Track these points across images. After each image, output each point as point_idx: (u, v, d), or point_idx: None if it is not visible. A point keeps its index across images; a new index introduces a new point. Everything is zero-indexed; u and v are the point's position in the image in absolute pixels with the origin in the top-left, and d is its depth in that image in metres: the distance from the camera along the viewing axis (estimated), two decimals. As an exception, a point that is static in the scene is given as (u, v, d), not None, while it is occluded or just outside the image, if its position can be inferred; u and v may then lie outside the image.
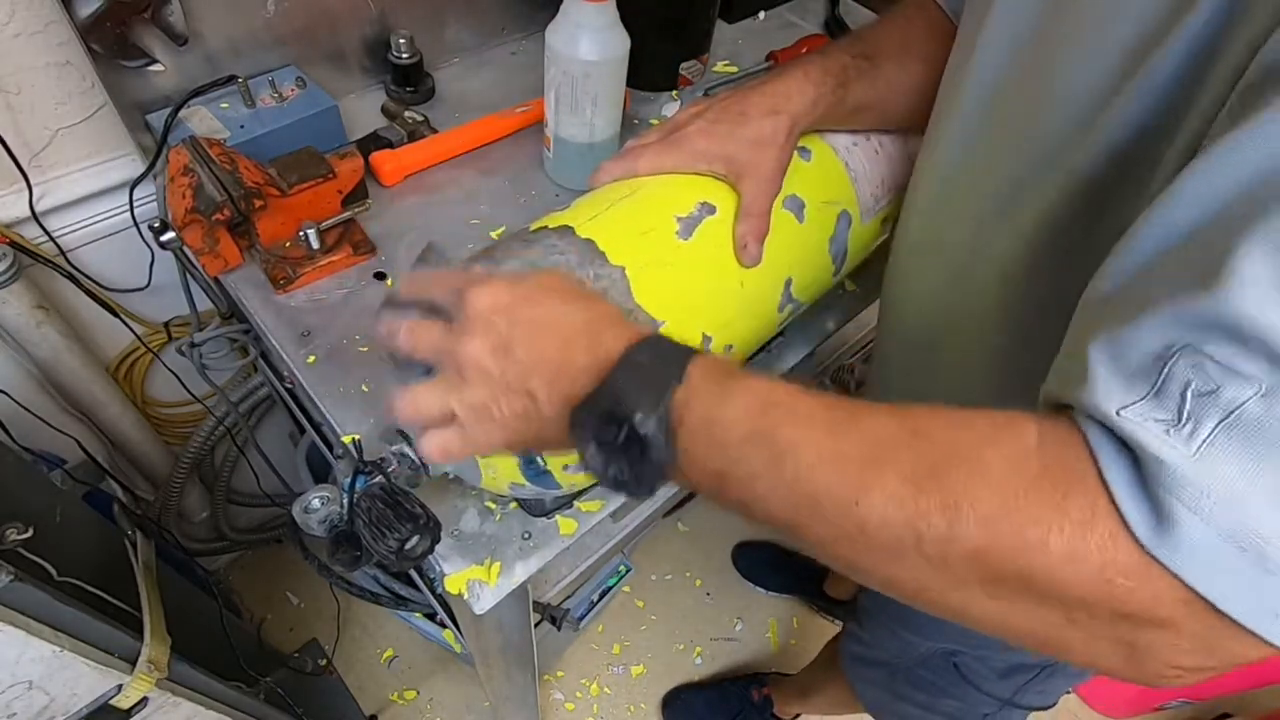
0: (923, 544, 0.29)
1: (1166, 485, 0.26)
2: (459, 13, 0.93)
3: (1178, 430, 0.26)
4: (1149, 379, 0.27)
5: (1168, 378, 0.26)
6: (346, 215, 0.71)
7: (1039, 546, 0.27)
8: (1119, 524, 0.27)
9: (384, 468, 0.47)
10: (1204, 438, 0.25)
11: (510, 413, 0.38)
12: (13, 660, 0.55)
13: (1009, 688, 0.73)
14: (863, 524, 0.30)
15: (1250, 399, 0.25)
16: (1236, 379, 0.25)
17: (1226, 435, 0.25)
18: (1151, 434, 0.26)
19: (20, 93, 0.71)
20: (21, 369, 0.88)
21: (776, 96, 0.55)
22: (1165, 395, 0.26)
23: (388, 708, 1.35)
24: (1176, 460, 0.25)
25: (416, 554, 0.43)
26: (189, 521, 1.20)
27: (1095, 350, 0.29)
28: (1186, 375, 0.26)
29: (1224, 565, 0.25)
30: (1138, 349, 0.27)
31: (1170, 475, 0.25)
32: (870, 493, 0.30)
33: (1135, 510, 0.26)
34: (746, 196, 0.53)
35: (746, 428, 0.33)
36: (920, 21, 0.60)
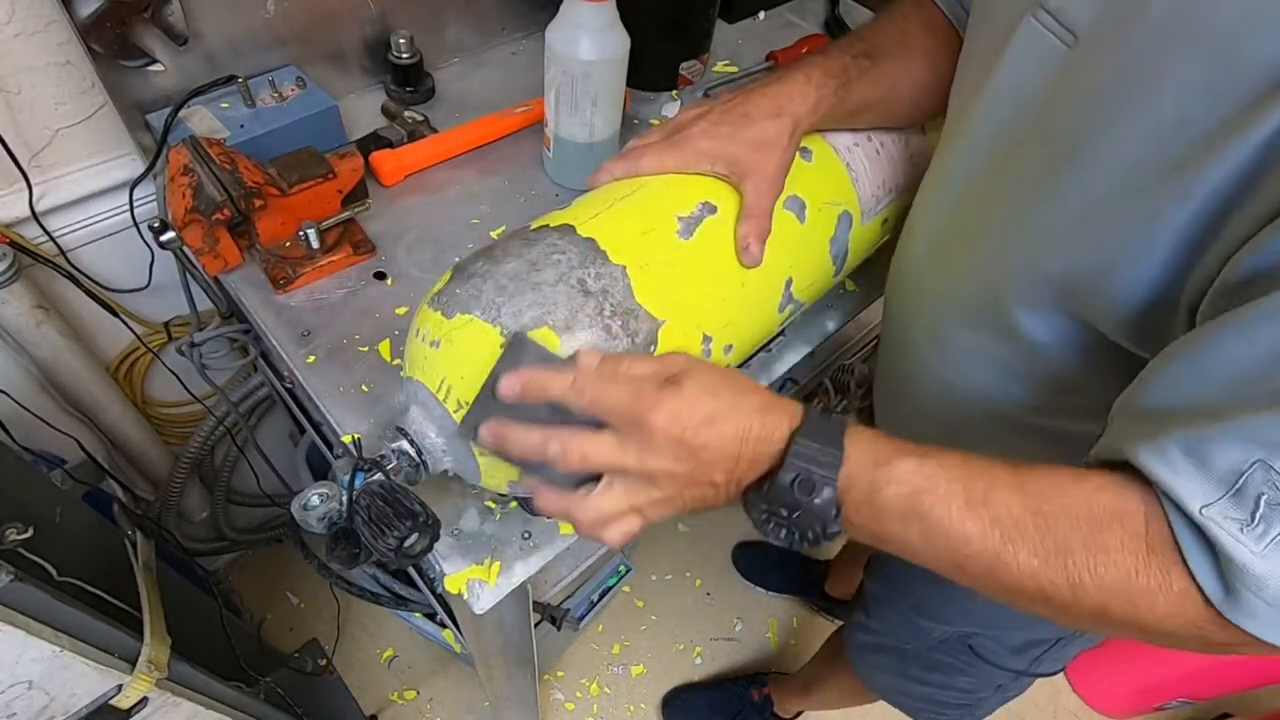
0: (1050, 602, 0.37)
1: (1237, 574, 0.32)
2: (459, 13, 0.93)
3: (1250, 529, 0.32)
4: (1228, 483, 0.33)
5: (1245, 484, 0.32)
6: (346, 215, 0.71)
7: (1147, 610, 0.35)
8: (1202, 598, 0.34)
9: (383, 465, 0.47)
10: (1271, 539, 0.31)
11: (690, 498, 0.43)
12: (13, 660, 0.55)
13: (1024, 660, 0.75)
14: (1004, 584, 0.38)
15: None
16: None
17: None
18: (1227, 532, 0.32)
19: (20, 93, 0.71)
20: (21, 369, 0.88)
21: (779, 98, 0.55)
22: (1242, 499, 0.32)
23: (388, 708, 1.35)
24: (1245, 557, 0.32)
25: (415, 552, 0.43)
26: (189, 521, 1.20)
27: (1178, 448, 0.34)
28: (1260, 487, 0.32)
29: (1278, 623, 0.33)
30: (1221, 457, 0.33)
31: (1240, 567, 0.32)
32: (1007, 567, 0.37)
33: (1214, 589, 0.33)
34: (749, 197, 0.53)
35: (900, 509, 0.39)
36: (917, 18, 0.61)
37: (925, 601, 0.77)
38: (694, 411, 0.41)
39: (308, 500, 0.45)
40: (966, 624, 0.75)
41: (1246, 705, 1.48)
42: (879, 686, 0.96)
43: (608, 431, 0.42)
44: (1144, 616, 0.35)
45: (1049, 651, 0.73)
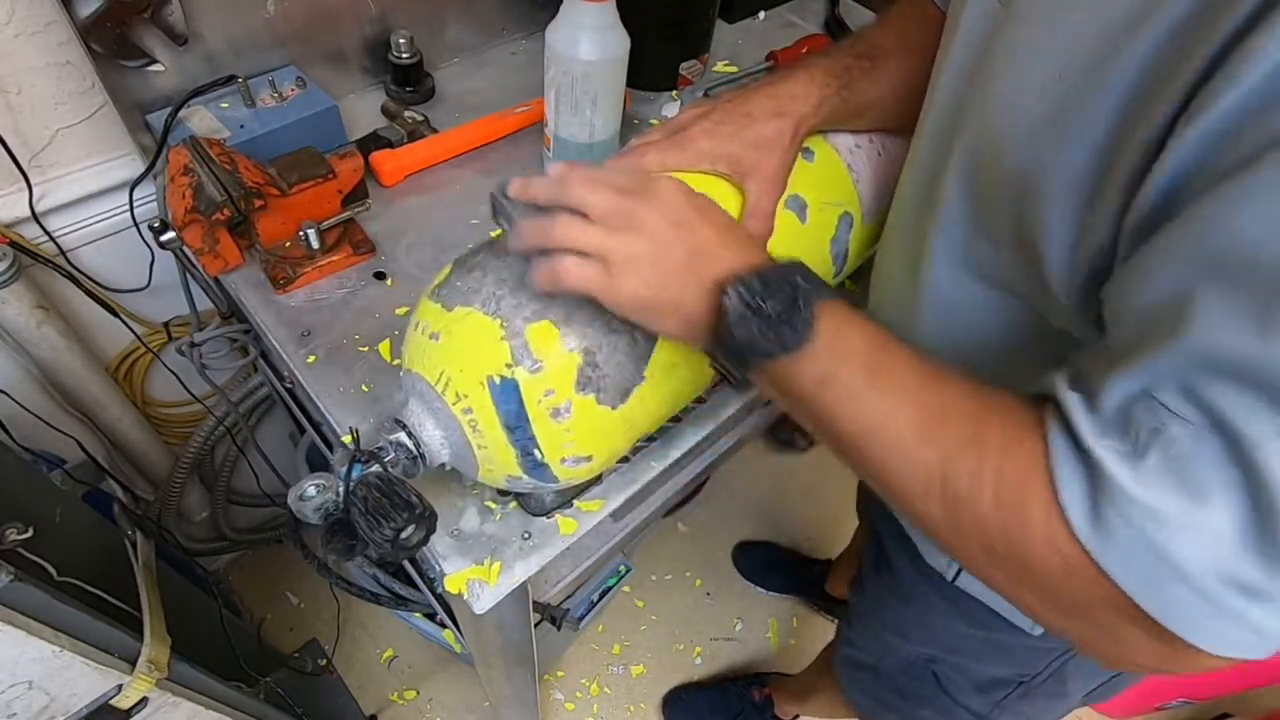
0: (946, 493, 0.37)
1: (1110, 498, 0.32)
2: (459, 13, 0.93)
3: (1132, 457, 0.32)
4: (1118, 421, 0.33)
5: (1130, 418, 0.32)
6: (346, 215, 0.71)
7: (1027, 525, 0.34)
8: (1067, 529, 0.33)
9: (381, 457, 0.47)
10: (1149, 465, 0.31)
11: (661, 272, 0.42)
12: (13, 660, 0.55)
13: (985, 703, 0.73)
14: (911, 461, 0.38)
15: (1182, 435, 0.31)
16: (1178, 420, 0.31)
17: (1162, 464, 0.31)
18: (1111, 459, 0.32)
19: (20, 93, 0.71)
20: (21, 369, 0.88)
21: (781, 98, 0.55)
22: (1129, 432, 0.32)
23: (388, 708, 1.35)
24: (1124, 479, 0.31)
25: (412, 544, 0.43)
26: (189, 521, 1.20)
27: (1074, 384, 0.35)
28: (1144, 417, 0.32)
29: (1145, 568, 0.31)
30: (1115, 396, 0.33)
31: (1116, 489, 0.32)
32: (927, 440, 0.38)
33: (1080, 514, 0.33)
34: (751, 197, 0.53)
35: (863, 353, 0.40)
36: (917, 17, 0.61)
37: (893, 617, 0.77)
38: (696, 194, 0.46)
39: (304, 491, 0.45)
40: (927, 644, 0.73)
41: (1246, 705, 1.48)
42: (858, 705, 0.96)
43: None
44: (1025, 543, 0.35)
45: (1010, 698, 0.71)
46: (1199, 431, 0.30)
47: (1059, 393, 0.35)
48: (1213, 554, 0.30)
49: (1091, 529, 0.32)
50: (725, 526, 1.64)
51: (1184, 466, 0.30)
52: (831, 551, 1.61)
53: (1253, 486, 0.29)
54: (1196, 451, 0.30)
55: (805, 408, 0.42)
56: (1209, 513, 0.30)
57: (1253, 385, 0.29)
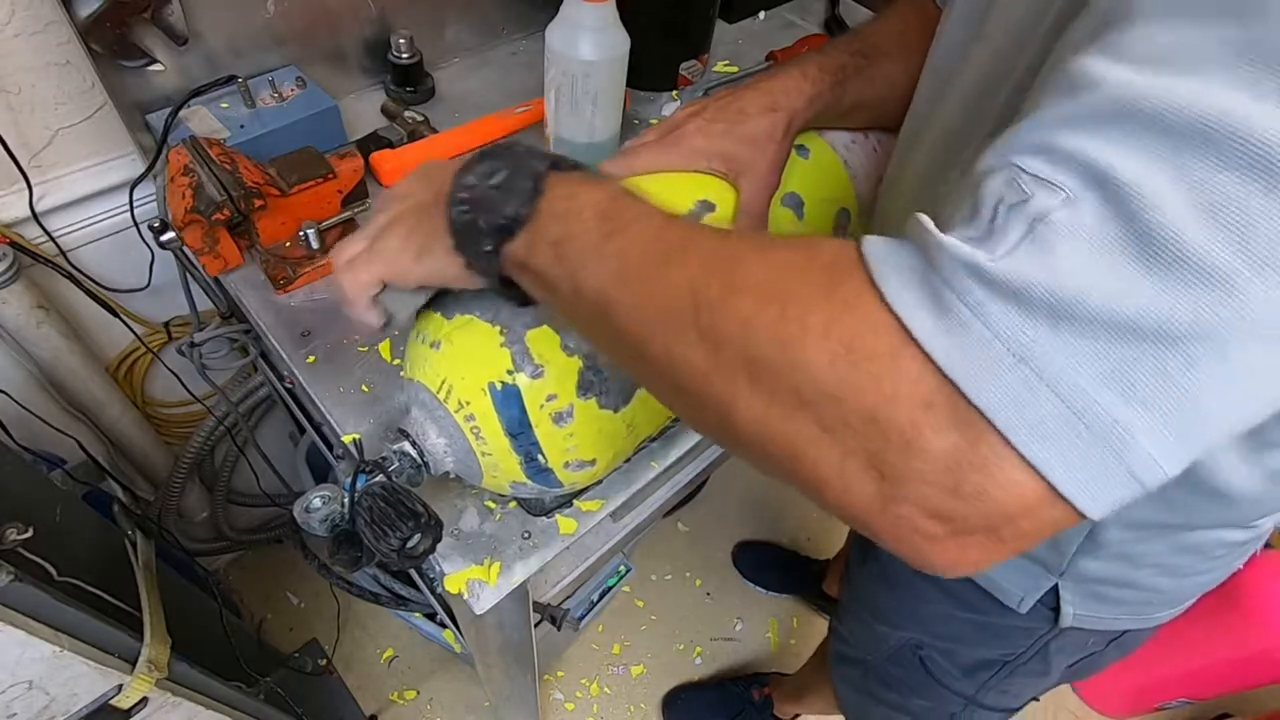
0: (699, 313, 0.30)
1: (954, 284, 0.25)
2: (459, 13, 0.93)
3: (985, 242, 0.25)
4: (970, 203, 0.27)
5: (982, 198, 0.26)
6: (346, 215, 0.71)
7: (797, 321, 0.28)
8: (885, 311, 0.26)
9: (385, 467, 0.47)
10: (1009, 245, 0.25)
11: (406, 217, 0.43)
12: (13, 660, 0.55)
13: (972, 684, 0.73)
14: (659, 292, 0.32)
15: (1059, 207, 0.24)
16: (1048, 188, 0.25)
17: (1031, 242, 0.25)
18: (958, 240, 0.26)
19: (20, 93, 0.71)
20: (21, 369, 0.88)
21: (773, 94, 0.55)
22: (978, 215, 0.26)
23: (388, 708, 1.35)
24: (978, 261, 0.25)
25: (418, 553, 0.43)
26: (189, 521, 1.20)
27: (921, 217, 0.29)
28: (1000, 191, 0.26)
29: (990, 367, 0.24)
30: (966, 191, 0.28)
31: (962, 275, 0.25)
32: (672, 266, 0.32)
33: (908, 299, 0.26)
34: (745, 194, 0.53)
35: (597, 205, 0.37)
36: (915, 17, 0.61)
37: (879, 603, 0.77)
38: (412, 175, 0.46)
39: (310, 503, 0.45)
40: (917, 629, 0.74)
41: (1246, 705, 1.48)
42: (847, 703, 0.96)
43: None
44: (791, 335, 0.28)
45: (996, 677, 0.71)
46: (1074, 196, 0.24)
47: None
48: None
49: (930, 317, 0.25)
50: (725, 526, 1.64)
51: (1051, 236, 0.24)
52: (831, 551, 1.61)
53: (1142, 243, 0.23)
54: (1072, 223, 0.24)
55: (555, 290, 0.38)
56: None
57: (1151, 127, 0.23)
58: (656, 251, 0.33)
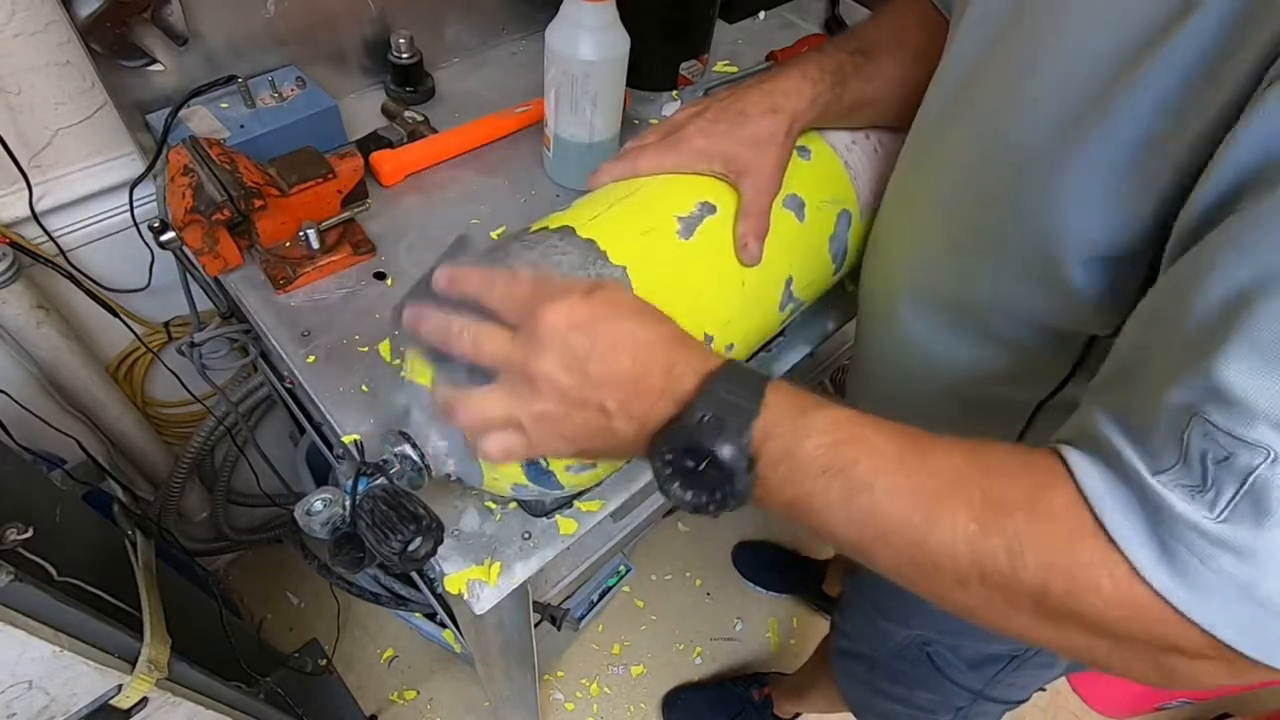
0: (986, 578, 0.33)
1: (1189, 545, 0.29)
2: (459, 13, 0.93)
3: (1202, 495, 0.28)
4: (1176, 450, 0.29)
5: (1187, 446, 0.29)
6: (346, 215, 0.71)
7: (1092, 592, 0.31)
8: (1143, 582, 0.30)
9: (386, 469, 0.46)
10: (1226, 503, 0.28)
11: (580, 425, 0.39)
12: (13, 660, 0.55)
13: (979, 679, 0.74)
14: (932, 557, 0.33)
15: (1262, 466, 0.27)
16: (1245, 447, 0.27)
17: (1249, 502, 0.27)
18: (1179, 498, 0.29)
19: (20, 93, 0.71)
20: (21, 369, 0.88)
21: (775, 95, 0.55)
22: (1190, 463, 0.29)
23: (388, 708, 1.35)
24: (1197, 518, 0.28)
25: (420, 555, 0.43)
26: (189, 521, 1.20)
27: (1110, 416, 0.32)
28: (1200, 444, 0.28)
29: (1238, 613, 0.28)
30: (1163, 423, 0.30)
31: (1193, 537, 0.28)
32: (938, 528, 0.33)
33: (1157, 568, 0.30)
34: (747, 195, 0.53)
35: (823, 462, 0.35)
36: (912, 15, 0.61)
37: (886, 602, 0.77)
38: (591, 317, 0.38)
39: (311, 505, 0.45)
40: (924, 626, 0.74)
41: (1246, 705, 1.48)
42: (851, 698, 0.96)
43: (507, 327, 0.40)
44: (1088, 601, 0.31)
45: (1004, 671, 0.71)
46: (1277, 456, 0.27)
47: (1098, 426, 0.32)
48: None
49: (1169, 576, 0.29)
50: (725, 526, 1.63)
51: (1266, 497, 0.27)
52: (831, 551, 1.61)
53: None
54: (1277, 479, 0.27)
55: (790, 521, 0.38)
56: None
57: None
58: (918, 512, 0.34)
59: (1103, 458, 0.32)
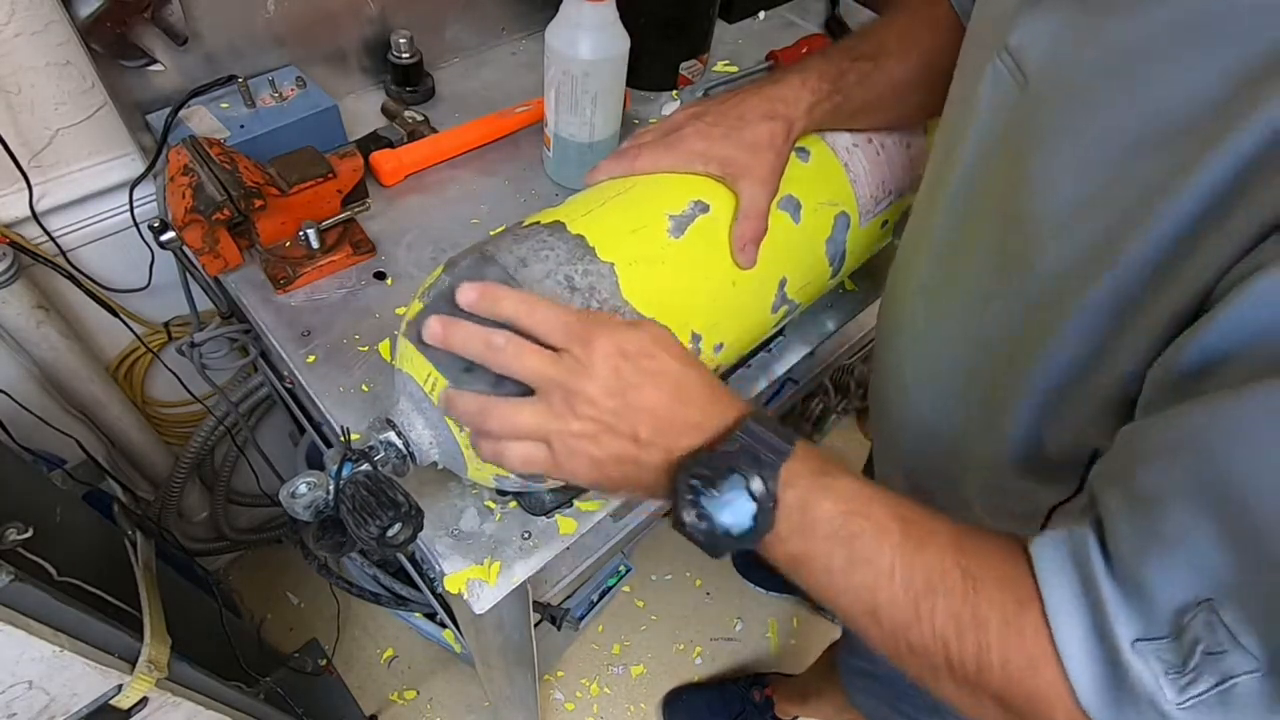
0: (953, 673, 0.34)
1: (1138, 707, 0.29)
2: (459, 13, 0.93)
3: (1177, 677, 0.28)
4: (1172, 624, 0.28)
5: (1188, 630, 0.28)
6: (346, 215, 0.71)
7: (1046, 712, 0.32)
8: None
9: (371, 456, 0.47)
10: (1196, 693, 0.27)
11: (608, 452, 0.40)
12: (13, 660, 0.55)
13: None
14: (911, 643, 0.35)
15: (1247, 676, 0.26)
16: (1241, 652, 0.26)
17: (1218, 700, 0.27)
18: (1152, 671, 0.28)
19: (20, 93, 0.71)
20: (21, 369, 0.88)
21: (774, 101, 0.55)
22: (1182, 644, 0.28)
23: (388, 708, 1.35)
24: (1159, 704, 0.28)
25: (398, 541, 0.43)
26: (189, 521, 1.20)
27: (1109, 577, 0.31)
28: (1199, 631, 0.27)
29: None
30: (1162, 590, 0.29)
31: (1145, 704, 0.28)
32: (921, 622, 0.35)
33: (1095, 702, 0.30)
34: (743, 198, 0.53)
35: (834, 526, 0.37)
36: (923, 16, 0.60)
37: None
38: (641, 350, 0.40)
39: (295, 488, 0.46)
40: None
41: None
42: (867, 711, 0.95)
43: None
44: (1045, 715, 0.32)
45: None
46: (1265, 673, 0.26)
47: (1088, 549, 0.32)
48: None
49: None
50: (725, 526, 1.63)
51: (1235, 704, 0.27)
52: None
53: None
54: (1255, 695, 0.26)
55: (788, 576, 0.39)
56: None
57: None
58: (905, 604, 0.35)
59: (1086, 597, 0.31)
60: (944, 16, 0.59)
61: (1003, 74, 0.40)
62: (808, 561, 0.37)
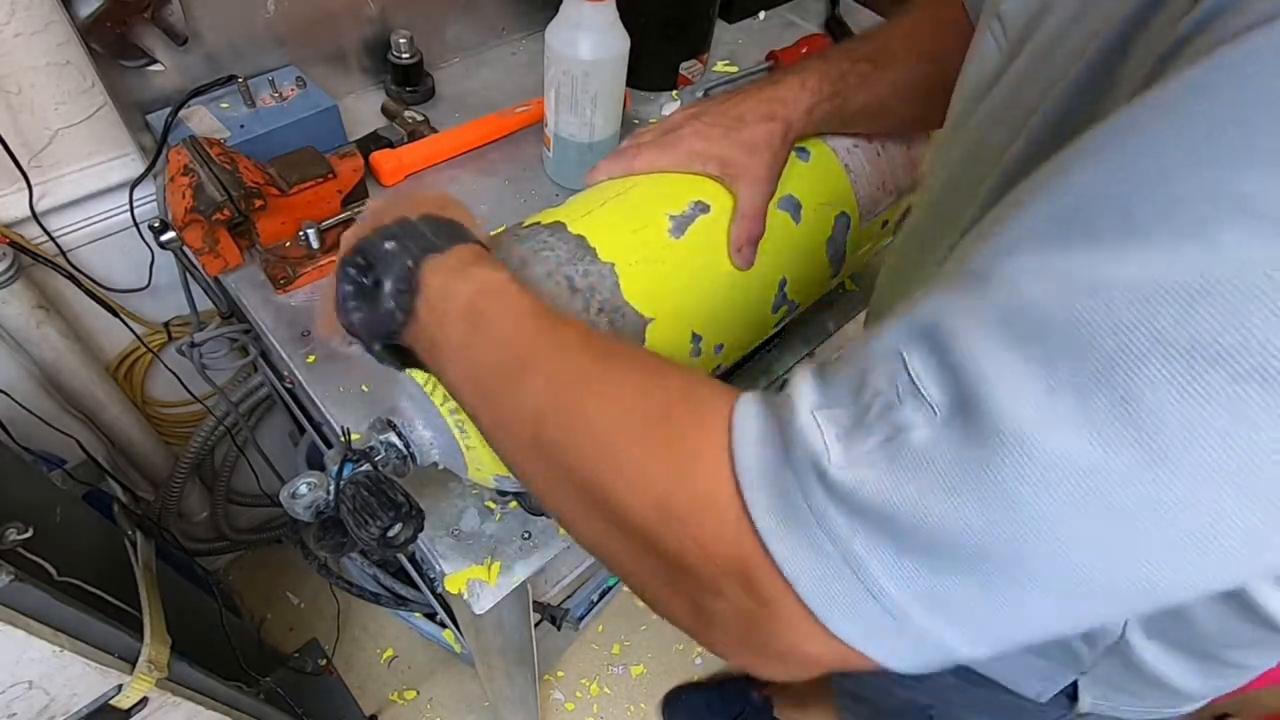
0: (540, 445, 0.32)
1: (801, 479, 0.25)
2: (459, 13, 0.93)
3: (846, 439, 0.24)
4: (852, 386, 0.25)
5: (864, 383, 0.24)
6: (346, 215, 0.72)
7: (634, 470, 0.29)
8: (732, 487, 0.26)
9: (371, 456, 0.47)
10: (866, 450, 0.24)
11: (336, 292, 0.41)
12: (13, 660, 0.55)
13: None
14: (506, 411, 0.34)
15: (923, 427, 0.23)
16: (918, 400, 0.23)
17: (883, 454, 0.23)
18: (821, 434, 0.25)
19: (20, 93, 0.71)
20: (22, 369, 0.88)
21: (773, 102, 0.55)
22: (858, 398, 0.24)
23: (388, 708, 1.35)
24: (823, 466, 0.24)
25: (399, 542, 0.44)
26: (189, 521, 1.20)
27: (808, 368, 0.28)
28: (881, 383, 0.24)
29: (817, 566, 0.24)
30: (859, 358, 0.25)
31: (809, 474, 0.24)
32: (517, 384, 0.33)
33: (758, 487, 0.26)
34: (741, 199, 0.53)
35: (464, 302, 0.36)
36: (932, 19, 0.58)
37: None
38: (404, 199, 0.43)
39: (296, 489, 0.46)
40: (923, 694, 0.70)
41: (1247, 705, 1.47)
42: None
43: None
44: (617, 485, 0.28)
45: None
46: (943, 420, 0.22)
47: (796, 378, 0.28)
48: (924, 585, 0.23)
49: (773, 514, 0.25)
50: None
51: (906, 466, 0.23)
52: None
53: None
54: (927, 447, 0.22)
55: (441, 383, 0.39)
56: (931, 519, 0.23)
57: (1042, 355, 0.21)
58: (505, 363, 0.34)
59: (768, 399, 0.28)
60: (953, 20, 0.57)
61: (989, 44, 0.40)
62: (443, 344, 0.37)
